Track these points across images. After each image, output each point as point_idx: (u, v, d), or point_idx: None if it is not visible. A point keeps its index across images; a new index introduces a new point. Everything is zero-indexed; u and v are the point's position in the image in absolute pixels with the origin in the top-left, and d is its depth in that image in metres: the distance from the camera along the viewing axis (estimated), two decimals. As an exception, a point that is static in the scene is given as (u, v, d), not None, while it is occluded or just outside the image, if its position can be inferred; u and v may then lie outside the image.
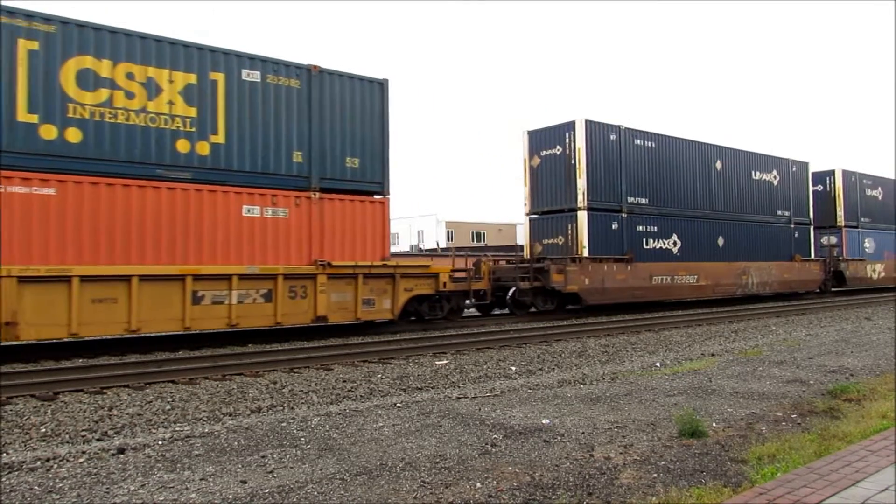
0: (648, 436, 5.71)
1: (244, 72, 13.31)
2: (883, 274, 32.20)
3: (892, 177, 34.76)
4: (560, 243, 20.33)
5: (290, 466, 4.94)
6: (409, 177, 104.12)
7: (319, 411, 7.08)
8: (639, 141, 21.24)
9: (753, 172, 25.33)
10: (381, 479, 4.61)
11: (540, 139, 21.13)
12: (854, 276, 29.72)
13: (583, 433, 5.81)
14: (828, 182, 30.74)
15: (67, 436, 6.36)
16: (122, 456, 5.33)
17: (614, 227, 20.28)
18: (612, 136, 20.45)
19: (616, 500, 4.18)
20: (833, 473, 4.34)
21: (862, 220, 31.32)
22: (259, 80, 13.47)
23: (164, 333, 12.82)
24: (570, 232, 20.05)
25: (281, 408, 7.62)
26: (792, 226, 26.90)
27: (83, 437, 6.33)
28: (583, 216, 19.64)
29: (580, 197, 19.67)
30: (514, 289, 18.27)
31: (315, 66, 14.20)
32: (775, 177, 26.35)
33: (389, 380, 9.33)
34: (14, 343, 10.95)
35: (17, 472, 4.92)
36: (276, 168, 13.71)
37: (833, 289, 29.21)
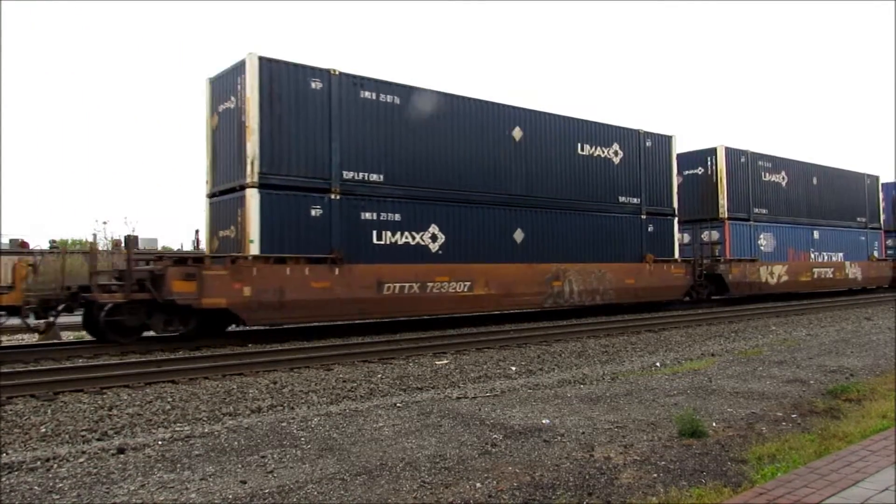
0: (648, 436, 5.71)
1: None
2: (785, 278, 25.69)
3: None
4: (232, 236, 14.30)
5: (290, 466, 4.94)
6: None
7: (319, 411, 7.08)
8: (368, 93, 15.08)
9: (580, 146, 19.22)
10: (381, 479, 4.61)
11: (219, 89, 15.13)
12: (740, 281, 23.56)
13: (583, 433, 5.81)
14: (709, 163, 24.45)
15: (67, 436, 6.36)
16: (122, 456, 5.33)
17: (315, 213, 14.19)
18: (316, 84, 14.36)
19: (616, 500, 4.18)
20: (833, 473, 4.34)
21: (756, 211, 25.08)
22: None
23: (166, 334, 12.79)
24: (239, 220, 13.90)
25: (281, 408, 7.62)
26: (643, 217, 20.79)
27: (83, 437, 6.33)
28: (252, 196, 13.46)
29: (249, 169, 13.51)
30: (109, 304, 12.18)
31: None
32: (616, 153, 20.21)
33: (389, 380, 9.33)
34: (15, 343, 10.95)
35: (17, 472, 4.93)
36: None
37: (714, 297, 23.67)
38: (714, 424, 6.06)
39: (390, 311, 15.13)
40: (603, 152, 19.93)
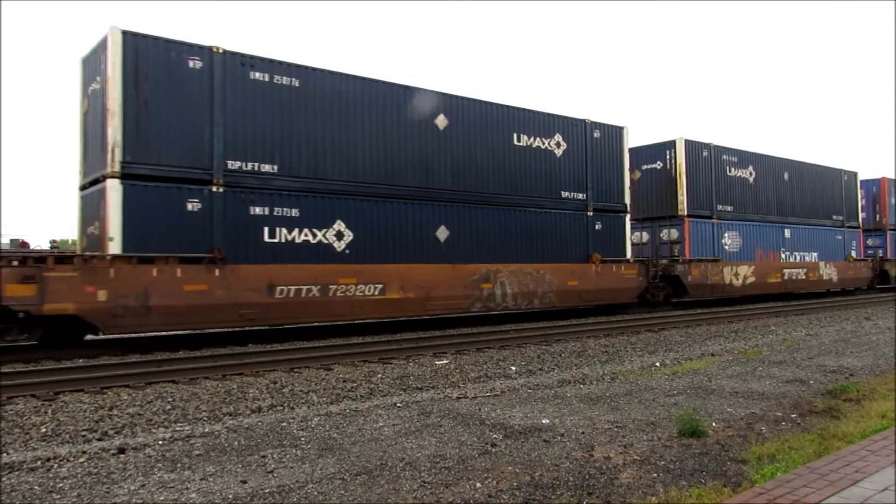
0: (648, 436, 5.71)
1: None
2: (752, 279, 24.03)
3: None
4: (97, 233, 12.74)
5: (290, 466, 4.94)
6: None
7: (319, 411, 7.09)
8: (259, 74, 13.61)
9: (516, 136, 17.66)
10: (381, 479, 4.61)
11: (89, 69, 13.54)
12: (700, 283, 21.86)
13: (583, 433, 5.82)
14: (668, 157, 22.98)
15: (68, 436, 6.37)
16: (122, 456, 5.34)
17: (192, 207, 12.66)
18: (195, 63, 12.86)
19: (616, 499, 4.18)
20: (833, 473, 4.34)
21: (719, 208, 23.63)
22: None
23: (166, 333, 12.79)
24: (101, 214, 12.39)
25: (281, 408, 7.62)
26: (590, 213, 19.20)
27: (83, 436, 6.33)
28: (113, 188, 11.98)
29: (110, 157, 12.01)
30: None
31: None
32: (558, 144, 18.56)
33: (389, 380, 9.33)
34: (15, 343, 10.95)
35: (17, 472, 4.93)
36: None
37: (673, 300, 21.93)
38: (714, 424, 6.07)
39: (284, 316, 13.59)
40: (543, 143, 18.27)
